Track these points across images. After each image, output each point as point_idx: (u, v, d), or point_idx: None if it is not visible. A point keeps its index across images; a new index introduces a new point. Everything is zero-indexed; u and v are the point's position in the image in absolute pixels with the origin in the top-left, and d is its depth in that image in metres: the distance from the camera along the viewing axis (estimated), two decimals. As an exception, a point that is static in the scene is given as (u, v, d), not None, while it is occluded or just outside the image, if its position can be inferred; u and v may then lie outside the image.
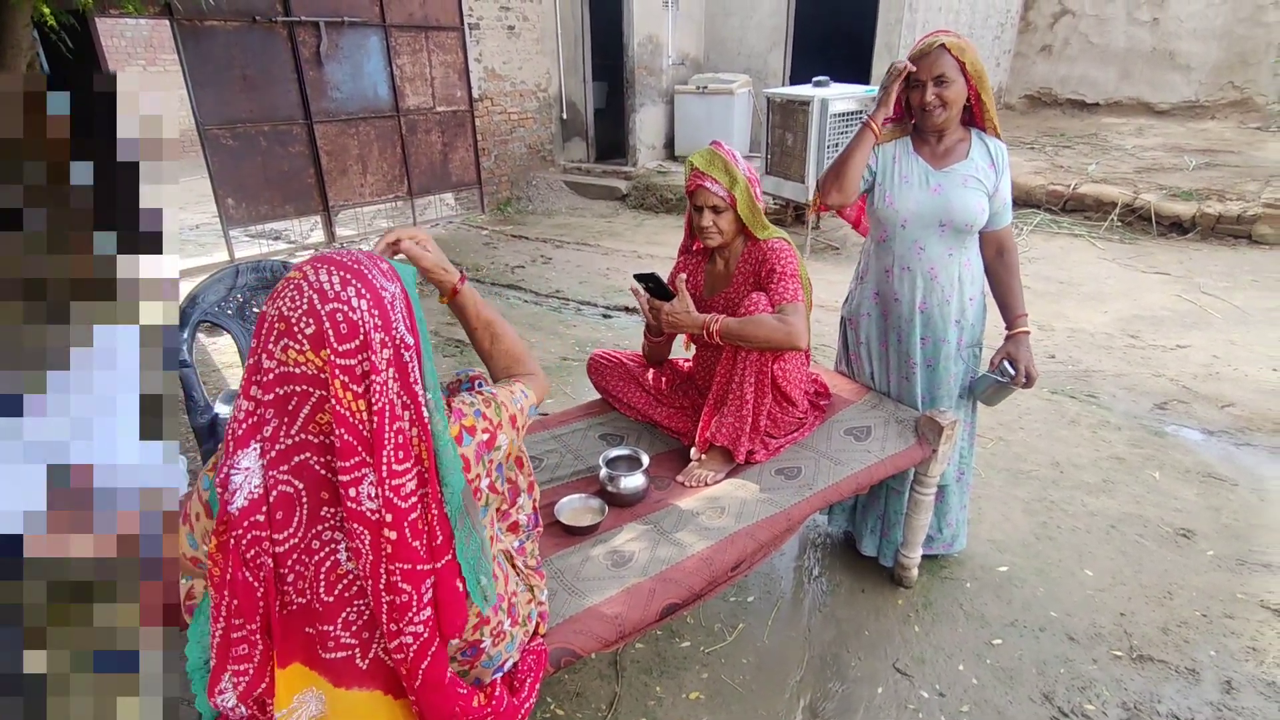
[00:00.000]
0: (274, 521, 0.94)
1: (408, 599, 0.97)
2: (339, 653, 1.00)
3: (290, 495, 0.94)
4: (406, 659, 0.99)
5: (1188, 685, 1.87)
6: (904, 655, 1.99)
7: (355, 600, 0.99)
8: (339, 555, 0.97)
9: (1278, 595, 2.17)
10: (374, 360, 0.92)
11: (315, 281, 0.92)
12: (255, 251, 6.08)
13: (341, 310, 0.91)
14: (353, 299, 0.92)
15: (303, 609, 0.99)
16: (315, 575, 0.97)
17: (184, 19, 5.13)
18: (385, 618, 0.97)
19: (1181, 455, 2.92)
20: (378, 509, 0.93)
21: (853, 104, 5.32)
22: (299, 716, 1.00)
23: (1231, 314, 4.31)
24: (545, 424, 2.17)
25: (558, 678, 1.91)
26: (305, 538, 0.96)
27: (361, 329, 0.91)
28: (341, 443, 0.91)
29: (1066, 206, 6.33)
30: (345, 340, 0.90)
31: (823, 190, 1.98)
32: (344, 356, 0.90)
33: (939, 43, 1.78)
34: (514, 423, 1.17)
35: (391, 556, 0.95)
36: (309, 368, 0.91)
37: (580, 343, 4.18)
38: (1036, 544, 2.41)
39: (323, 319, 0.90)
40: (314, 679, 1.01)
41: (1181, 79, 9.05)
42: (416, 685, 1.01)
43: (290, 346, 0.90)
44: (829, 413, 2.10)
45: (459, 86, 7.02)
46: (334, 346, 0.90)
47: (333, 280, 0.92)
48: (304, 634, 1.00)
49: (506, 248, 6.35)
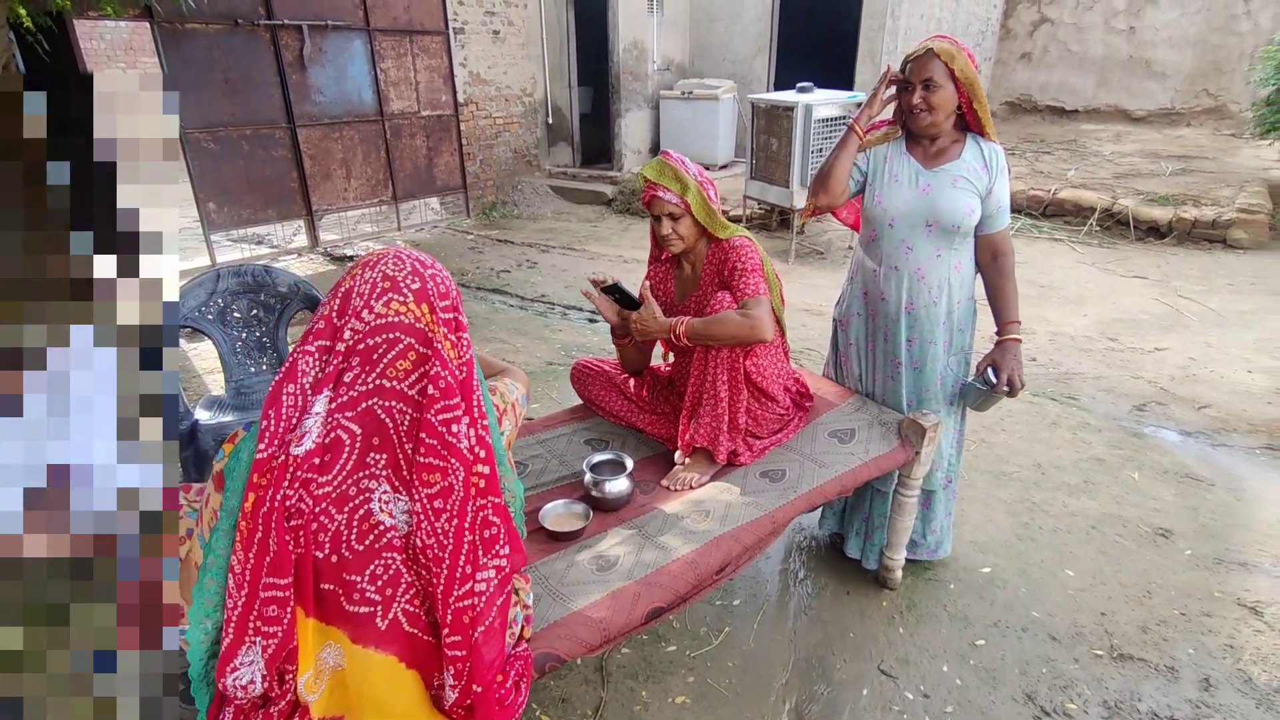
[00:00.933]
0: (322, 463, 1.01)
1: (496, 532, 1.07)
2: (362, 607, 1.01)
3: (343, 441, 1.01)
4: (486, 595, 1.06)
5: (1167, 683, 1.90)
6: (889, 657, 2.00)
7: (384, 553, 1.02)
8: (372, 504, 1.01)
9: (1254, 593, 2.20)
10: (461, 319, 1.10)
11: (411, 254, 1.08)
12: (237, 256, 6.01)
13: (439, 274, 1.10)
14: (441, 270, 1.11)
15: (323, 562, 1.00)
16: (348, 523, 1.01)
17: (164, 21, 5.07)
18: (465, 559, 1.04)
19: (1160, 456, 2.96)
20: (472, 446, 1.04)
21: (836, 110, 5.36)
22: (321, 681, 1.00)
23: (1207, 317, 4.38)
24: (530, 429, 2.16)
25: (543, 684, 1.90)
26: (343, 484, 1.01)
27: (452, 291, 1.10)
28: (445, 384, 1.02)
29: (1047, 211, 6.42)
30: (443, 298, 1.08)
31: (812, 192, 2.03)
32: (444, 310, 1.07)
33: (929, 47, 1.81)
34: (514, 409, 1.30)
35: (483, 491, 1.06)
36: (408, 317, 1.03)
37: (565, 347, 4.18)
38: (1019, 545, 2.44)
39: (426, 279, 1.06)
40: (332, 633, 1.02)
41: (1158, 86, 9.22)
42: (480, 631, 1.05)
43: (394, 299, 1.03)
44: (813, 415, 2.11)
45: (444, 91, 7.00)
46: (435, 302, 1.06)
47: (422, 256, 1.10)
48: (321, 589, 1.01)
49: (492, 252, 6.33)
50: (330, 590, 1.01)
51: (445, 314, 1.06)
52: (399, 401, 1.02)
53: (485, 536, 1.04)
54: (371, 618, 1.02)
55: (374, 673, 1.03)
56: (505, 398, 1.28)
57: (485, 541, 1.04)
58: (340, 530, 1.00)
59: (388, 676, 1.03)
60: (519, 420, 1.31)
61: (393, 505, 1.02)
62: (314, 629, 1.01)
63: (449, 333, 1.06)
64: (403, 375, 1.02)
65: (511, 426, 1.27)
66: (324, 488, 1.00)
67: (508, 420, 1.26)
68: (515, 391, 1.32)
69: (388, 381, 1.01)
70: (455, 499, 1.02)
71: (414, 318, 1.03)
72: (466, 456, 1.03)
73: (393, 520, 1.01)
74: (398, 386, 1.02)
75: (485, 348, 4.16)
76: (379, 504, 1.01)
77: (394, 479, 1.03)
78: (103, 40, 10.06)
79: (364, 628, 1.02)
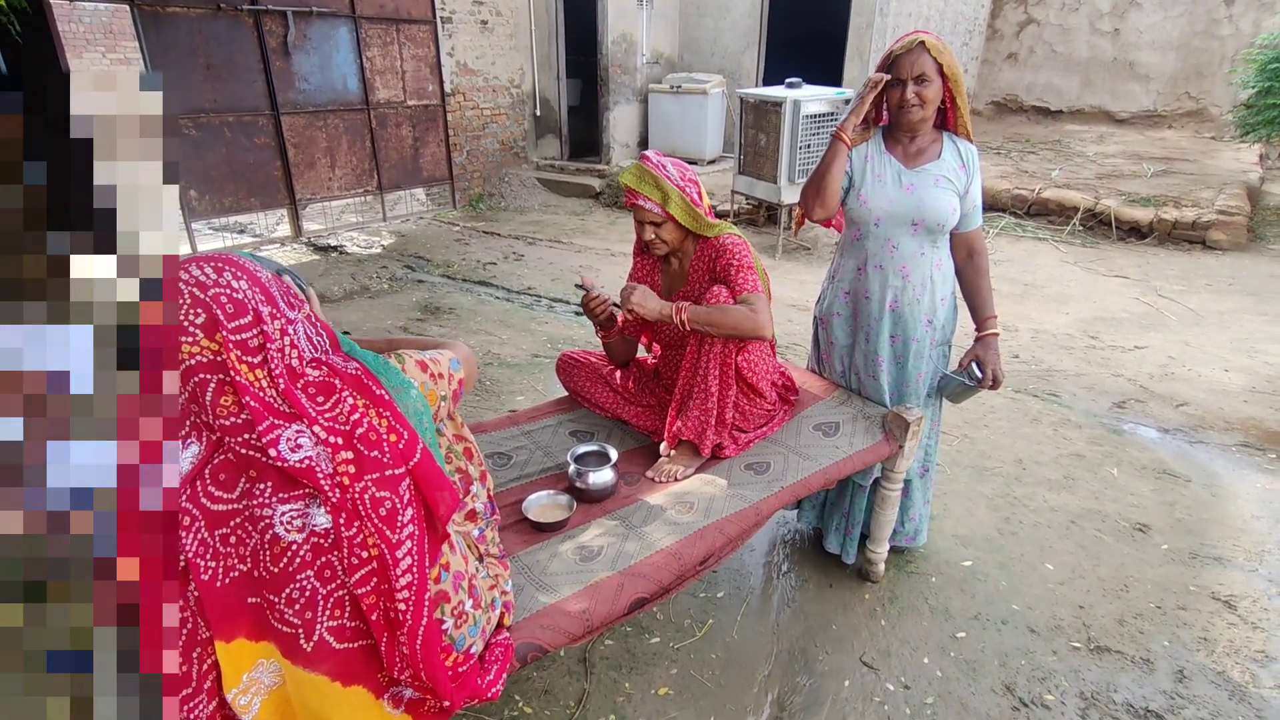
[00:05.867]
0: (218, 482, 0.97)
1: (391, 505, 1.01)
2: (285, 628, 0.99)
3: (233, 463, 0.98)
4: (413, 566, 1.03)
5: (1142, 675, 1.92)
6: (870, 649, 2.01)
7: (297, 575, 0.99)
8: (276, 529, 0.98)
9: (1228, 587, 2.24)
10: (267, 330, 0.98)
11: (189, 278, 0.96)
12: (219, 245, 5.94)
13: (225, 292, 0.97)
14: (231, 281, 0.98)
15: (245, 576, 0.98)
16: (261, 544, 0.98)
17: (145, 5, 4.98)
18: (376, 534, 1.00)
19: (1138, 453, 3.00)
20: (311, 450, 0.98)
21: (825, 106, 5.38)
22: (252, 694, 0.99)
23: (1186, 316, 4.44)
24: (515, 420, 2.15)
25: (526, 675, 1.89)
26: (247, 505, 0.98)
27: (249, 305, 0.98)
28: (251, 411, 0.96)
29: (1031, 210, 6.48)
30: (235, 317, 0.96)
31: (806, 207, 2.00)
32: (238, 331, 0.96)
33: (919, 41, 1.80)
34: (449, 374, 1.24)
35: (357, 474, 1.00)
36: (204, 355, 0.95)
37: (552, 340, 4.16)
38: (999, 539, 2.46)
39: (210, 305, 0.95)
40: (265, 650, 1.00)
41: (1141, 88, 9.32)
42: (407, 601, 1.02)
43: (184, 342, 0.94)
44: (798, 409, 2.12)
45: (430, 81, 6.93)
46: (226, 326, 0.95)
47: (206, 271, 0.97)
48: (249, 604, 0.99)
49: (479, 244, 6.29)
50: (257, 604, 0.99)
51: (239, 334, 0.96)
52: (245, 433, 0.98)
53: (383, 514, 1.00)
54: (296, 639, 1.00)
55: (308, 690, 1.01)
56: (438, 364, 1.23)
57: (385, 519, 1.00)
58: (257, 548, 0.98)
59: (323, 694, 1.01)
60: (453, 379, 1.25)
61: (297, 520, 0.99)
62: (241, 647, 0.99)
63: (244, 355, 0.96)
64: (234, 410, 0.97)
65: (447, 385, 1.22)
66: (228, 504, 0.97)
67: (443, 383, 1.21)
68: (443, 357, 1.26)
69: (224, 421, 0.97)
70: (335, 492, 0.98)
71: (211, 354, 0.95)
72: (299, 467, 0.97)
73: (301, 535, 0.98)
74: (234, 422, 0.97)
75: (471, 339, 4.14)
76: (283, 528, 0.98)
77: (288, 495, 1.01)
78: (81, 24, 9.86)
79: (291, 646, 1.00)
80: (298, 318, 1.05)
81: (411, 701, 1.10)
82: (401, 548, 1.02)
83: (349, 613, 1.02)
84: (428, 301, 4.80)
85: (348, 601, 1.02)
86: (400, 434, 1.06)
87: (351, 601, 1.02)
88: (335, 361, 1.07)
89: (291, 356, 1.02)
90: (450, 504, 1.10)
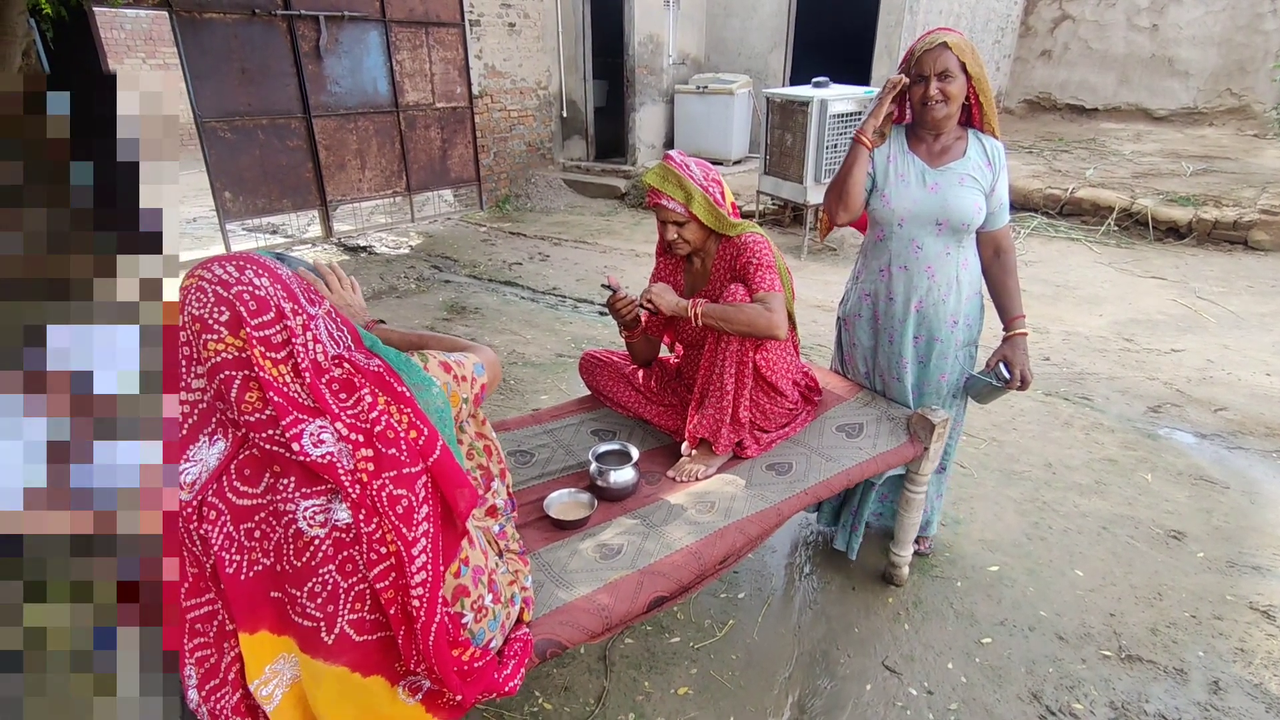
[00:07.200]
0: (243, 477, 1.00)
1: (408, 503, 1.02)
2: (306, 621, 1.01)
3: (258, 458, 1.01)
4: (428, 564, 1.04)
5: (1175, 685, 1.88)
6: (893, 653, 1.99)
7: (320, 569, 1.00)
8: (299, 524, 1.00)
9: (1266, 597, 2.17)
10: (291, 326, 1.00)
11: (212, 276, 0.98)
12: (251, 245, 6.07)
13: (247, 290, 0.98)
14: (253, 279, 1.00)
15: (268, 570, 1.00)
16: (284, 538, 1.00)
17: (183, 10, 5.11)
18: (393, 530, 1.02)
19: (1174, 458, 2.92)
20: (333, 446, 0.99)
21: (852, 105, 5.32)
22: (274, 686, 1.01)
23: (1226, 319, 4.32)
24: (538, 418, 2.16)
25: (545, 671, 1.91)
26: (271, 500, 1.00)
27: (272, 301, 1.00)
28: (275, 406, 0.97)
29: (1064, 210, 6.34)
30: (258, 314, 0.98)
31: (830, 212, 1.99)
32: (262, 328, 0.98)
33: (942, 40, 1.78)
34: (472, 377, 1.26)
35: (376, 471, 1.01)
36: (228, 353, 0.97)
37: (576, 339, 4.18)
38: (1028, 544, 2.41)
39: (233, 302, 0.97)
40: (285, 644, 1.02)
41: (1180, 86, 9.07)
42: (421, 597, 1.03)
43: (209, 340, 0.96)
44: (821, 409, 2.10)
45: (459, 83, 7.01)
46: (249, 323, 0.97)
47: (228, 269, 0.99)
48: (271, 598, 1.01)
49: (505, 245, 6.34)
50: (279, 598, 1.01)
51: (263, 330, 0.98)
52: (270, 429, 1.00)
53: (400, 512, 1.02)
54: (316, 632, 1.01)
55: (327, 681, 1.02)
56: (462, 366, 1.24)
57: (402, 517, 1.02)
58: (280, 543, 1.00)
59: (343, 686, 1.03)
60: (476, 383, 1.27)
61: (320, 515, 1.01)
62: (264, 639, 1.02)
63: (268, 351, 0.98)
64: (258, 406, 0.99)
65: (469, 388, 1.24)
66: (252, 499, 1.00)
67: (466, 386, 1.23)
68: (468, 360, 1.28)
69: (249, 417, 0.99)
70: (354, 489, 1.00)
71: (235, 350, 0.97)
72: (322, 462, 0.98)
73: (324, 530, 1.00)
74: (259, 418, 0.99)
75: (496, 339, 4.18)
76: (305, 522, 1.00)
77: (311, 490, 1.02)
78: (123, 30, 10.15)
79: (311, 640, 1.02)
80: (319, 314, 1.07)
81: (430, 693, 1.11)
82: (417, 545, 1.03)
83: (369, 606, 1.04)
84: (454, 301, 4.86)
85: (368, 595, 1.03)
86: (420, 430, 1.07)
87: (371, 594, 1.03)
88: (357, 358, 1.09)
89: (316, 351, 1.03)
90: (470, 501, 1.11)
